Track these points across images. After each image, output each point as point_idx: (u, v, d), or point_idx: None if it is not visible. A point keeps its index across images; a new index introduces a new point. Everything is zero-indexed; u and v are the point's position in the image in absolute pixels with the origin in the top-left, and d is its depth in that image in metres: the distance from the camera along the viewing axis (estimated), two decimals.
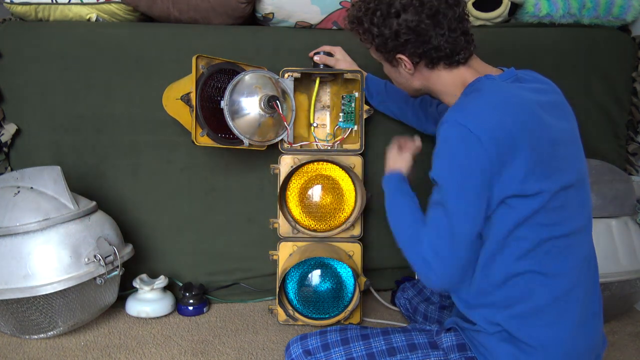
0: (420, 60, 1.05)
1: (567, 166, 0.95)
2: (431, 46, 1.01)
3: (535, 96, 0.98)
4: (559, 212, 0.93)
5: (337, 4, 1.59)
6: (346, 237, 1.54)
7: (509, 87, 0.99)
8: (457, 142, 0.91)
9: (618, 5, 1.68)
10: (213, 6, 1.55)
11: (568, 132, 1.00)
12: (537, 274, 0.93)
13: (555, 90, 1.06)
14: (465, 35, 1.03)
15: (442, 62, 1.04)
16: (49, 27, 1.59)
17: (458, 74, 1.05)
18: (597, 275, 1.02)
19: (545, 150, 0.92)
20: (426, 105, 1.46)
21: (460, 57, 1.04)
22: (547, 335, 0.93)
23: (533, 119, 0.93)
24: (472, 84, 1.03)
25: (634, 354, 1.41)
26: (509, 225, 0.93)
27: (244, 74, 1.43)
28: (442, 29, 1.00)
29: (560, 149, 0.95)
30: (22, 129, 1.61)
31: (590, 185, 1.04)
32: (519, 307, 0.94)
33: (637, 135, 1.79)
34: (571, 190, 0.95)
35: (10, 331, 1.40)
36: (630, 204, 1.54)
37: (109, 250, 1.41)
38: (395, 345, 1.04)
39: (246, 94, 1.43)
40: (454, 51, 1.02)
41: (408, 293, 1.50)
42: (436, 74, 1.07)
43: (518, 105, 0.94)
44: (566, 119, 1.01)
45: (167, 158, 1.63)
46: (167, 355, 1.37)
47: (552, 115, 0.97)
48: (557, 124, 0.97)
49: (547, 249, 0.93)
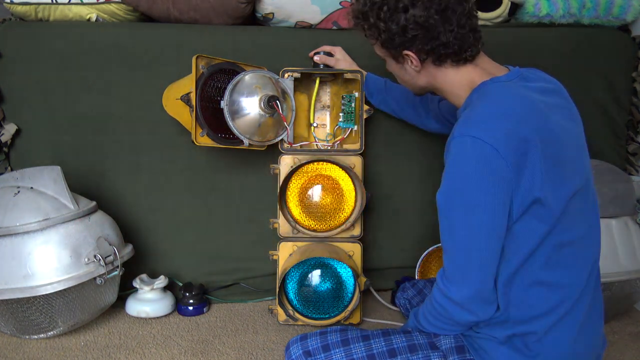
0: (428, 57, 1.03)
1: (574, 169, 0.94)
2: (439, 42, 0.99)
3: (542, 97, 0.96)
4: (566, 218, 0.92)
5: (337, 4, 1.59)
6: (346, 237, 1.54)
7: (515, 89, 0.97)
8: (473, 155, 0.88)
9: (618, 5, 1.68)
10: (213, 6, 1.55)
11: (574, 133, 0.99)
12: (535, 274, 0.93)
13: (561, 90, 1.04)
14: (474, 32, 1.01)
15: (450, 59, 1.02)
16: (49, 27, 1.59)
17: (465, 73, 1.03)
18: (599, 279, 1.02)
19: (555, 153, 0.90)
20: (427, 102, 1.45)
21: (468, 54, 1.01)
22: (548, 340, 0.93)
23: (542, 121, 0.91)
24: (477, 89, 1.00)
25: (634, 354, 1.41)
26: (535, 237, 0.90)
27: (244, 74, 1.43)
28: (451, 24, 0.98)
29: (566, 151, 0.93)
30: (22, 129, 1.60)
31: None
32: (519, 313, 0.94)
33: (637, 135, 1.79)
34: (576, 195, 0.93)
35: (10, 331, 1.40)
36: (630, 204, 1.54)
37: (109, 250, 1.41)
38: (396, 346, 1.03)
39: (246, 94, 1.43)
40: (462, 48, 1.00)
41: (408, 293, 1.50)
42: (443, 71, 1.04)
43: (527, 108, 0.92)
44: (573, 120, 1.00)
45: (167, 158, 1.63)
46: (167, 355, 1.37)
47: (557, 115, 0.96)
48: (565, 125, 0.96)
49: (548, 253, 0.92)
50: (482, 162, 0.87)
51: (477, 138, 0.87)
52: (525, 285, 0.93)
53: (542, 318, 0.93)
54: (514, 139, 0.87)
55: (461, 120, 0.94)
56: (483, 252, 0.91)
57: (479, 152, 0.87)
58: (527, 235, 0.91)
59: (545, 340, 0.92)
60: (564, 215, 0.91)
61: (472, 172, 0.88)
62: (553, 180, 0.89)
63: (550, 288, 0.92)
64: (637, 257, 1.48)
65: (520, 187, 0.88)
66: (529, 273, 0.93)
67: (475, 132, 0.88)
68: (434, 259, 1.72)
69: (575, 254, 0.94)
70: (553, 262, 0.92)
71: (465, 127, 0.91)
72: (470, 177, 0.89)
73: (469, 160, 0.89)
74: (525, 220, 0.90)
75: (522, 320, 0.94)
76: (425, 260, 1.70)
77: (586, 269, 0.95)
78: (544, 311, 0.93)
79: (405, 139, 1.66)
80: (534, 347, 0.93)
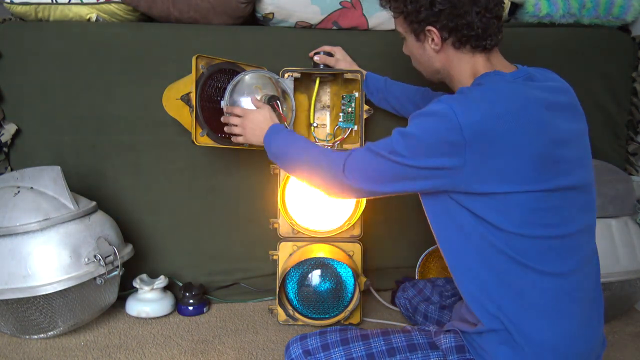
0: (449, 37, 1.02)
1: (569, 168, 0.94)
2: (465, 22, 0.99)
3: (544, 95, 0.96)
4: (555, 212, 0.92)
5: (337, 4, 1.59)
6: (346, 237, 1.54)
7: (513, 84, 0.97)
8: (438, 117, 0.91)
9: (618, 5, 1.68)
10: (213, 6, 1.55)
11: (575, 134, 0.99)
12: (534, 272, 0.93)
13: (569, 91, 1.04)
14: (498, 19, 1.02)
15: (470, 43, 1.01)
16: (49, 27, 1.59)
17: (477, 62, 1.03)
18: (599, 278, 1.02)
19: (541, 151, 0.90)
20: (430, 97, 1.46)
21: (488, 42, 1.01)
22: (546, 338, 0.93)
23: (532, 116, 0.91)
24: (479, 78, 1.01)
25: (634, 354, 1.41)
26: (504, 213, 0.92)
27: (244, 74, 1.43)
28: (478, 6, 0.98)
29: (564, 150, 0.93)
30: (22, 129, 1.61)
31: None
32: (519, 303, 0.94)
33: (637, 135, 1.79)
34: (572, 193, 0.94)
35: (10, 331, 1.40)
36: (630, 204, 1.54)
37: (109, 250, 1.41)
38: (395, 345, 1.03)
39: (246, 94, 1.43)
40: (485, 33, 1.00)
41: (408, 293, 1.50)
42: (459, 56, 1.04)
43: (516, 102, 0.92)
44: (576, 122, 1.00)
45: (167, 158, 1.63)
46: (167, 355, 1.37)
47: (560, 116, 0.96)
48: (564, 125, 0.96)
49: (544, 248, 0.93)
50: (447, 133, 0.90)
51: (451, 109, 0.90)
52: (519, 274, 0.94)
53: (524, 300, 0.93)
54: (483, 125, 0.89)
55: (453, 95, 0.97)
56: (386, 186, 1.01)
57: (445, 117, 0.90)
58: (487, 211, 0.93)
59: (544, 337, 0.92)
60: (546, 209, 0.92)
61: (432, 132, 0.92)
62: (527, 173, 0.90)
63: (532, 273, 0.93)
64: (637, 257, 1.48)
65: (481, 171, 0.90)
66: (521, 263, 0.93)
67: (453, 103, 0.91)
68: (434, 259, 1.72)
69: (564, 249, 0.94)
70: (536, 250, 0.92)
71: (449, 97, 0.94)
72: (430, 135, 0.93)
73: (432, 116, 0.93)
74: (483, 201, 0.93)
75: (518, 315, 0.94)
76: (425, 260, 1.70)
77: (577, 266, 0.95)
78: (524, 293, 0.93)
79: None
80: (532, 346, 0.92)
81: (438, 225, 1.04)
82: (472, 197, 0.94)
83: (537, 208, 0.91)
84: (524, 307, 0.94)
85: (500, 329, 0.95)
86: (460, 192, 0.94)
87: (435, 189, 0.97)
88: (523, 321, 0.93)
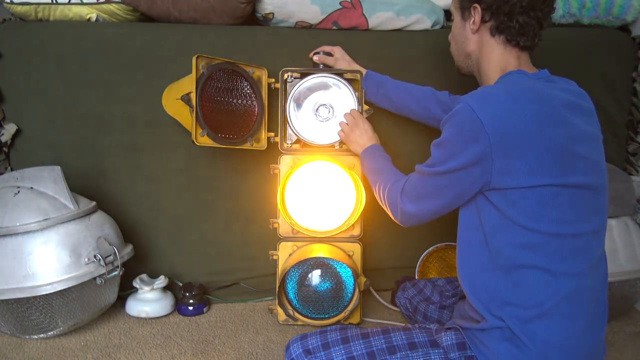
0: (489, 21, 1.07)
1: (585, 167, 0.95)
2: (507, 8, 1.04)
3: (564, 95, 0.99)
4: (571, 208, 0.93)
5: (337, 4, 1.59)
6: (346, 237, 1.54)
7: (534, 82, 1.01)
8: (463, 119, 0.94)
9: (618, 5, 1.68)
10: (213, 6, 1.55)
11: (591, 137, 1.00)
12: (543, 271, 0.93)
13: (588, 98, 1.06)
14: (539, 24, 1.06)
15: (506, 34, 1.06)
16: (49, 27, 1.59)
17: (506, 55, 1.08)
18: (606, 282, 1.02)
19: (561, 144, 0.92)
20: (432, 96, 1.47)
21: (522, 40, 1.06)
22: (554, 337, 0.92)
23: (551, 113, 0.93)
24: (504, 76, 1.06)
25: (634, 354, 1.41)
26: (522, 207, 0.93)
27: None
28: (525, 1, 1.03)
29: (581, 148, 0.94)
30: (22, 129, 1.61)
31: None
32: (523, 303, 0.94)
33: (637, 135, 1.79)
34: (587, 192, 0.95)
35: (10, 331, 1.40)
36: (630, 204, 1.54)
37: (109, 250, 1.41)
38: (396, 343, 1.03)
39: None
40: (522, 29, 1.05)
41: (409, 292, 1.50)
42: (492, 44, 1.09)
43: (536, 99, 0.94)
44: (591, 125, 1.02)
45: (167, 158, 1.63)
46: (167, 355, 1.37)
47: (579, 117, 0.98)
48: (582, 126, 0.97)
49: (555, 247, 0.93)
50: (469, 130, 0.93)
51: (471, 108, 0.93)
52: (511, 257, 0.95)
53: (529, 299, 0.93)
54: (505, 122, 0.91)
55: (471, 92, 0.99)
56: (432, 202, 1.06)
57: (468, 118, 0.93)
58: (501, 206, 0.95)
59: (546, 337, 0.92)
60: (561, 204, 0.92)
61: (455, 133, 0.96)
62: (547, 168, 0.91)
63: (539, 273, 0.93)
64: (637, 257, 1.48)
65: (508, 167, 0.91)
66: (514, 247, 0.95)
67: (473, 102, 0.93)
68: (434, 259, 1.72)
69: (574, 249, 0.94)
70: (548, 249, 0.93)
71: (470, 96, 0.96)
72: (454, 137, 0.97)
73: (458, 120, 0.96)
74: (500, 196, 0.95)
75: (526, 313, 0.94)
76: (425, 260, 1.70)
77: (585, 267, 0.95)
78: (531, 292, 0.93)
79: (405, 139, 1.66)
80: (539, 344, 0.92)
81: (467, 232, 1.05)
82: (501, 193, 0.95)
83: (554, 203, 0.92)
84: (532, 306, 0.94)
85: (504, 326, 0.95)
86: (492, 188, 0.95)
87: (471, 190, 0.98)
88: (530, 319, 0.93)
